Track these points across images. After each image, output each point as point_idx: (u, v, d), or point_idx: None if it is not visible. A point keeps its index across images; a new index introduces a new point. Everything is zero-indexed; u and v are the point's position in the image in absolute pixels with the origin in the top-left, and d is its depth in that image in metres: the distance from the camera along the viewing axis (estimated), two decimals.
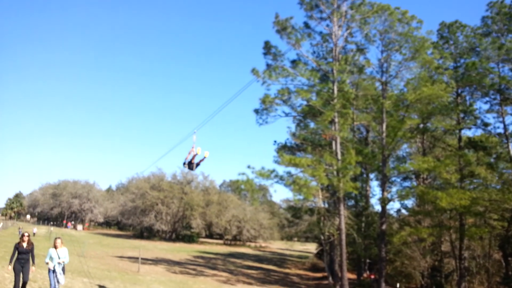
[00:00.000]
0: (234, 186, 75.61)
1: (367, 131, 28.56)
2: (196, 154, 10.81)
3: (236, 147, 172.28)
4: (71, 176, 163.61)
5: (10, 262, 9.04)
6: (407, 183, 27.23)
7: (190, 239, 60.69)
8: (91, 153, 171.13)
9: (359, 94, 21.77)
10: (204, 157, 10.85)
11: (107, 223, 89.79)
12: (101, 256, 28.22)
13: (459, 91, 23.00)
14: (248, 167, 19.13)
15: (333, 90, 20.37)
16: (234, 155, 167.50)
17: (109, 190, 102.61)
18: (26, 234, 9.23)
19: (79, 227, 74.78)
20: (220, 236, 68.93)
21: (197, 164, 10.96)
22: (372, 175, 28.04)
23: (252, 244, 66.94)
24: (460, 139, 23.15)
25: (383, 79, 21.26)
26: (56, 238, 9.56)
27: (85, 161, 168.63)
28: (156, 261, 28.68)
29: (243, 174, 19.13)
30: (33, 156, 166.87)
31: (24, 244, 9.08)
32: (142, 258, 23.31)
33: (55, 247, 9.33)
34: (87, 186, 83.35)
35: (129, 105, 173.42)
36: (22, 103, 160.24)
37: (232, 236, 64.25)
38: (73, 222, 79.82)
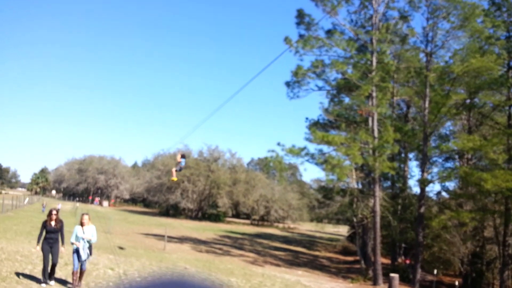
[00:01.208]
0: (263, 164, 75.51)
1: (408, 107, 27.79)
2: (179, 162, 13.98)
3: (266, 123, 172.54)
4: (97, 151, 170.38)
5: (38, 242, 8.67)
6: (449, 164, 26.50)
7: (216, 218, 61.91)
8: (117, 129, 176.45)
9: (400, 66, 21.10)
10: (179, 162, 14.05)
11: (133, 200, 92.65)
12: (127, 233, 29.23)
13: (511, 63, 21.86)
14: (278, 144, 19.16)
15: (371, 61, 19.81)
16: (263, 132, 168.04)
17: (134, 166, 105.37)
18: (54, 211, 8.80)
19: (105, 203, 77.68)
20: (247, 216, 69.93)
21: (180, 170, 14.19)
22: (411, 155, 27.46)
23: (280, 225, 67.57)
24: (510, 116, 22.14)
25: (428, 49, 20.44)
26: (83, 214, 8.99)
27: (111, 137, 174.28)
28: (182, 240, 29.46)
29: (273, 151, 19.15)
30: (59, 131, 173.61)
31: (53, 223, 8.64)
32: (168, 236, 23.98)
33: (82, 224, 8.76)
34: (113, 162, 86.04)
35: (156, 81, 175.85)
36: (48, 79, 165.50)
37: (259, 216, 65.05)
38: (99, 198, 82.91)
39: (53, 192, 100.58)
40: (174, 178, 15.69)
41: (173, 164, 63.37)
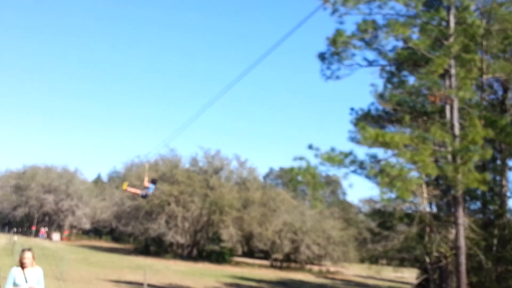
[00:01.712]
0: (287, 178, 75.32)
1: (505, 90, 27.51)
2: (146, 187, 16.39)
3: (290, 118, 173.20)
4: (42, 160, 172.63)
5: None
6: None
7: (219, 257, 62.12)
8: (71, 128, 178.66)
9: (492, 28, 20.92)
10: (146, 188, 16.65)
11: (96, 231, 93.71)
12: (88, 280, 29.52)
13: None
14: (310, 147, 19.12)
15: (447, 22, 19.70)
16: (286, 132, 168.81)
17: (97, 181, 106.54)
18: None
19: (56, 236, 78.59)
20: (265, 254, 69.86)
21: (145, 196, 16.89)
22: (511, 162, 27.17)
23: (315, 268, 67.37)
24: None
25: None
26: (24, 251, 9.13)
27: (63, 139, 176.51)
28: None
29: (301, 159, 19.17)
30: None
31: None
32: (148, 285, 24.17)
33: (22, 265, 8.91)
34: (65, 175, 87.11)
35: (128, 65, 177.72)
36: None
37: (283, 255, 64.97)
38: (46, 229, 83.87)
39: None
40: (125, 184, 17.79)
41: (153, 177, 63.90)
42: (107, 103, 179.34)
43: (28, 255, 9.11)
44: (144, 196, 17.38)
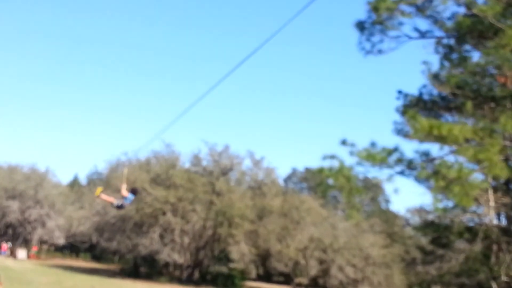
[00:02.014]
0: (315, 181, 74.43)
1: None
2: (123, 197, 17.75)
3: (318, 108, 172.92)
4: (4, 158, 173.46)
5: None
6: None
7: (227, 281, 62.27)
8: (38, 122, 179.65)
9: None
10: (123, 197, 18.08)
11: (72, 247, 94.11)
12: None
13: None
14: (343, 143, 19.06)
15: None
16: (313, 124, 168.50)
17: (74, 184, 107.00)
18: None
19: (21, 253, 78.98)
20: (286, 278, 69.93)
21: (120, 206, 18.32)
22: None
23: None
24: None
25: None
26: None
27: (29, 135, 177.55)
28: None
29: (333, 157, 19.12)
30: None
31: None
32: None
33: None
34: (34, 176, 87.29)
35: (114, 43, 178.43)
36: None
37: (309, 279, 65.01)
38: (9, 244, 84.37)
39: None
40: (99, 190, 19.22)
41: (144, 180, 63.66)
42: (86, 90, 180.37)
43: None
44: (119, 207, 18.40)
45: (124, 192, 17.76)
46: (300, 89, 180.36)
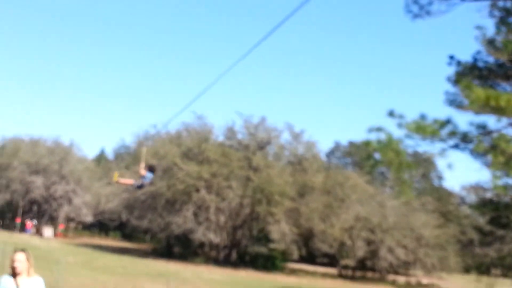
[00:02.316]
0: (360, 155, 73.83)
1: None
2: (141, 176, 18.16)
3: (363, 75, 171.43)
4: (28, 130, 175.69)
5: None
6: None
7: (267, 263, 62.50)
8: (62, 94, 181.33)
9: None
10: (142, 177, 18.33)
11: (100, 226, 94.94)
12: None
13: None
14: (391, 114, 18.96)
15: None
16: (358, 94, 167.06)
17: (100, 159, 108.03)
18: None
19: (48, 231, 79.79)
20: (331, 260, 69.97)
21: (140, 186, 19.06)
22: None
23: (400, 279, 67.14)
24: None
25: None
26: (16, 253, 8.72)
27: (52, 107, 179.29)
28: None
29: (380, 129, 19.05)
30: None
31: None
32: None
33: (14, 273, 8.54)
34: (58, 150, 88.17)
35: (144, 18, 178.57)
36: None
37: (356, 261, 64.93)
38: (34, 222, 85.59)
39: None
40: (116, 175, 20.05)
41: (175, 154, 64.00)
42: (112, 60, 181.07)
43: (20, 257, 8.60)
44: (140, 187, 19.14)
45: (142, 171, 18.02)
46: (343, 56, 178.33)
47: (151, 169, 18.55)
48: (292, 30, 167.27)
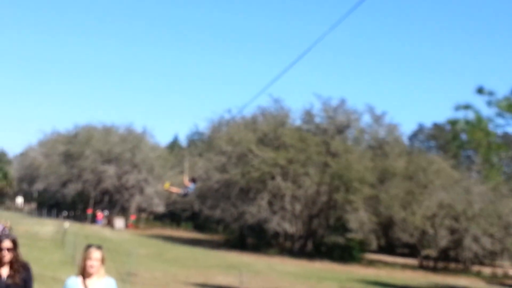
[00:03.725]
0: (445, 137, 72.50)
1: None
2: (186, 186, 22.84)
3: (447, 51, 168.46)
4: (99, 118, 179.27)
5: None
6: None
7: (344, 253, 62.05)
8: (134, 80, 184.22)
9: None
10: (187, 187, 23.34)
11: (172, 216, 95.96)
12: (165, 283, 30.49)
13: None
14: (480, 91, 18.41)
15: None
16: (443, 71, 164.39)
17: (173, 146, 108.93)
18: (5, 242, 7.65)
19: (119, 222, 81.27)
20: (412, 250, 69.17)
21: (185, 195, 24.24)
22: None
23: (486, 270, 66.01)
24: None
25: None
26: (89, 250, 7.82)
27: (124, 94, 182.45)
28: None
29: (467, 107, 18.51)
30: (25, 87, 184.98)
31: (2, 271, 7.67)
32: None
33: (85, 273, 7.69)
34: (130, 138, 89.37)
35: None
36: None
37: (439, 251, 64.01)
38: (106, 212, 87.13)
39: (19, 199, 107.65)
40: (167, 185, 25.49)
41: (250, 140, 64.11)
42: (185, 45, 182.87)
43: (95, 255, 7.71)
44: (185, 195, 24.00)
45: (187, 182, 22.81)
46: (425, 33, 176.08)
47: (194, 180, 23.24)
48: (374, 9, 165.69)
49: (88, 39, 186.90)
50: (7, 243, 7.50)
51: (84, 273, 7.61)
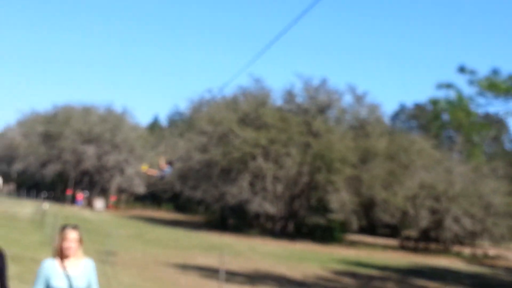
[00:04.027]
0: (427, 117, 72.89)
1: None
2: (161, 169, 23.74)
3: (426, 30, 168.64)
4: (79, 98, 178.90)
5: None
6: None
7: (325, 234, 62.40)
8: (113, 58, 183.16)
9: None
10: (162, 170, 23.83)
11: (153, 197, 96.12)
12: (145, 264, 30.44)
13: None
14: (461, 70, 18.41)
15: None
16: (423, 49, 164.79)
17: (154, 126, 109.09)
18: None
19: (99, 203, 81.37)
20: (393, 231, 69.59)
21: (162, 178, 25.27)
22: None
23: (466, 250, 66.44)
24: None
25: None
26: (65, 230, 7.51)
27: (103, 73, 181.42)
28: (255, 279, 30.07)
29: (449, 86, 18.51)
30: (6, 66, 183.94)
31: None
32: (227, 272, 24.51)
33: (63, 254, 7.43)
34: (111, 118, 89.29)
35: None
36: None
37: (419, 232, 64.35)
38: (86, 193, 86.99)
39: None
40: (145, 167, 26.17)
41: (231, 119, 64.04)
42: (164, 22, 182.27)
43: (71, 236, 7.40)
44: (162, 178, 25.00)
45: (163, 165, 23.21)
46: (403, 9, 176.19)
47: (170, 163, 23.47)
48: None
49: (67, 20, 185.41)
50: None
51: (61, 255, 7.36)
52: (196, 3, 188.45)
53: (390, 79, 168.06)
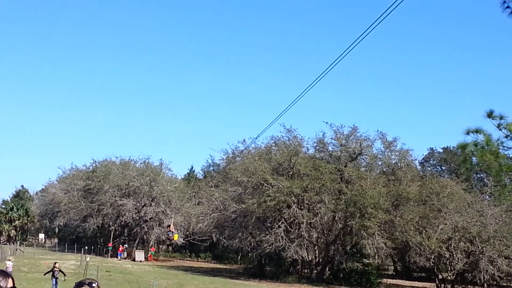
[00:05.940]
0: (457, 161, 72.21)
1: None
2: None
3: (456, 79, 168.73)
4: (116, 152, 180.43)
5: None
6: None
7: (362, 279, 61.93)
8: (149, 114, 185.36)
9: None
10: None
11: (191, 247, 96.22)
12: None
13: None
14: (490, 115, 18.45)
15: None
16: (452, 97, 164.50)
17: (190, 177, 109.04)
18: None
19: (139, 254, 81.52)
20: (429, 274, 68.81)
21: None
22: None
23: None
24: None
25: None
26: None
27: (140, 128, 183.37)
28: None
29: (478, 131, 18.54)
30: (44, 124, 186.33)
31: None
32: None
33: None
34: (149, 171, 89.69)
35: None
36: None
37: (455, 274, 63.68)
38: (126, 246, 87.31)
39: (41, 236, 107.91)
40: (176, 236, 29.85)
41: (265, 170, 63.98)
42: (199, 78, 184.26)
43: None
44: (169, 238, 25.20)
45: (173, 229, 22.30)
46: (436, 60, 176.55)
47: (168, 226, 27.94)
48: (383, 35, 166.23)
49: (102, 75, 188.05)
50: (10, 283, 6.81)
51: None
52: (229, 55, 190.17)
53: (420, 125, 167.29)
